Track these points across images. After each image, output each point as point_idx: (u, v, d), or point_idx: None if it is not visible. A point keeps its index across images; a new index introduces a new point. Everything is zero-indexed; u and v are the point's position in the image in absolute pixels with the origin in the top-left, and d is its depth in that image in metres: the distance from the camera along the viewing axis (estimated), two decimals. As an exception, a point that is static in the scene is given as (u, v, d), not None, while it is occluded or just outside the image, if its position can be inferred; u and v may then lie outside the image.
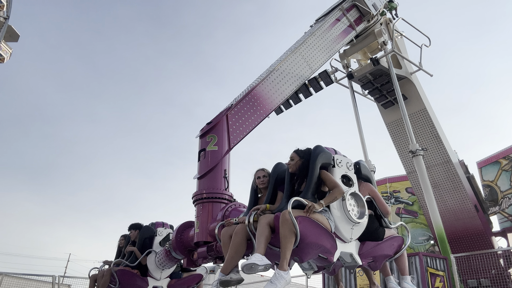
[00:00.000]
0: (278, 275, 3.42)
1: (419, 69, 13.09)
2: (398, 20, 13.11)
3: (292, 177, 4.35)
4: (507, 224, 14.46)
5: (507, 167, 15.05)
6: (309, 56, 9.15)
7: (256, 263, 3.43)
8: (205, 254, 5.28)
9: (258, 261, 3.45)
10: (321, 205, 3.84)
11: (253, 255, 3.53)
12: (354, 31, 11.05)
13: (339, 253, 3.99)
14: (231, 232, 4.11)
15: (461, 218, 13.11)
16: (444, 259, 9.19)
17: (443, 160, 13.16)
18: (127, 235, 7.56)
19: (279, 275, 3.41)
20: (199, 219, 5.52)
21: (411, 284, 4.50)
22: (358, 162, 4.71)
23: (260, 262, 3.45)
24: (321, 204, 3.84)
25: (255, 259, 3.45)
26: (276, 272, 3.44)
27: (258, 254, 3.52)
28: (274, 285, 3.37)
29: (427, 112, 13.21)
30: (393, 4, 13.22)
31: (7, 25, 26.19)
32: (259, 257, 3.48)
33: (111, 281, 6.91)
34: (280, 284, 3.38)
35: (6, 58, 28.45)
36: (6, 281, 11.89)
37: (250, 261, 3.44)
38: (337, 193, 3.98)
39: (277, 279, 3.40)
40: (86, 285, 10.72)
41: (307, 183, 4.06)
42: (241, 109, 6.77)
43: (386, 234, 4.44)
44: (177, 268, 7.20)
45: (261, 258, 3.48)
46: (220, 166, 5.85)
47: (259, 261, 3.45)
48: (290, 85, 8.37)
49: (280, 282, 3.38)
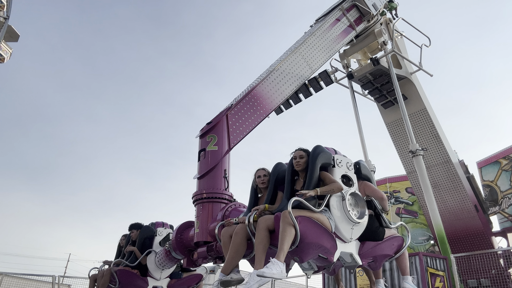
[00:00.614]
0: (274, 262, 3.40)
1: (419, 69, 13.10)
2: (398, 20, 13.11)
3: (292, 177, 4.36)
4: (507, 224, 14.45)
5: (507, 167, 15.05)
6: (309, 56, 9.15)
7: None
8: (205, 254, 5.28)
9: (257, 283, 3.43)
10: (316, 192, 3.86)
11: (252, 274, 3.48)
12: (354, 31, 11.05)
13: (339, 253, 3.99)
14: (231, 232, 4.11)
15: (461, 218, 13.11)
16: (444, 259, 9.19)
17: (443, 160, 13.16)
18: (128, 234, 7.56)
19: (275, 262, 3.39)
20: (199, 219, 5.51)
21: (412, 284, 4.50)
22: (358, 162, 4.71)
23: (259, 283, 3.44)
24: (316, 191, 3.87)
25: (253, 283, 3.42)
26: (273, 260, 3.42)
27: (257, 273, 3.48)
28: (269, 269, 3.35)
29: (427, 112, 13.22)
30: (393, 4, 13.22)
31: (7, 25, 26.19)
32: (257, 278, 3.44)
33: (111, 281, 6.91)
34: (275, 270, 3.35)
35: (6, 58, 28.45)
36: (6, 281, 11.89)
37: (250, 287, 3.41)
38: (335, 186, 3.99)
39: (272, 265, 3.38)
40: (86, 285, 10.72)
41: (307, 183, 4.06)
42: (241, 109, 6.77)
43: (386, 234, 4.44)
44: (177, 268, 7.19)
45: (259, 278, 3.45)
46: (220, 166, 5.85)
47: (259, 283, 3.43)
48: (290, 85, 8.37)
49: (275, 268, 3.36)
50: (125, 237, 7.65)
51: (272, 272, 3.33)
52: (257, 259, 3.62)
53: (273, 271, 3.34)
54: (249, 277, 3.51)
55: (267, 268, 3.35)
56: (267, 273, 3.32)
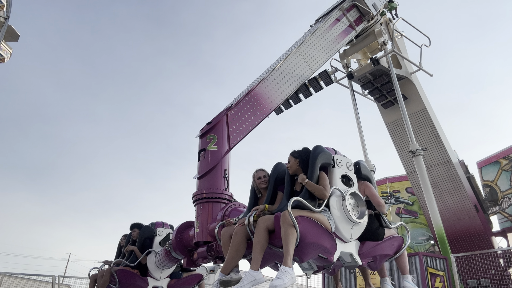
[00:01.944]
0: (284, 270, 3.40)
1: (419, 69, 13.09)
2: (398, 20, 13.11)
3: (292, 177, 4.37)
4: (507, 224, 14.45)
5: (507, 167, 15.04)
6: (309, 56, 9.15)
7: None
8: (205, 254, 5.28)
9: (251, 283, 3.46)
10: (304, 181, 3.97)
11: (247, 273, 3.51)
12: (354, 31, 11.05)
13: (339, 253, 3.99)
14: (231, 232, 4.11)
15: (461, 218, 13.11)
16: (444, 259, 9.19)
17: (443, 160, 13.16)
18: (128, 234, 7.57)
19: (285, 270, 3.39)
20: (199, 219, 5.52)
21: (412, 283, 4.50)
22: (358, 162, 4.71)
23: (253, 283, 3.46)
24: (304, 180, 3.97)
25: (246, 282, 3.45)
26: (282, 268, 3.42)
27: (252, 273, 3.52)
28: (281, 280, 3.35)
29: (427, 112, 13.22)
30: (393, 4, 13.21)
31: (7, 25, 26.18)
32: (251, 277, 3.48)
33: (111, 281, 6.91)
34: (287, 279, 3.36)
35: (6, 58, 28.45)
36: (6, 281, 11.89)
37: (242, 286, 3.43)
38: (318, 189, 3.92)
39: (283, 274, 3.38)
40: (86, 285, 10.73)
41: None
42: (241, 109, 6.77)
43: (386, 234, 4.44)
44: (177, 268, 7.20)
45: (254, 278, 3.48)
46: (220, 166, 5.85)
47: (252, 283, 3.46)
48: (290, 85, 8.37)
49: (286, 277, 3.36)
50: (125, 237, 7.65)
51: (284, 283, 3.34)
52: (253, 259, 3.63)
53: (286, 281, 3.35)
54: (244, 276, 3.51)
55: (278, 280, 3.35)
56: (280, 285, 3.32)
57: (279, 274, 3.40)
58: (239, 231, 3.99)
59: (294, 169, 4.28)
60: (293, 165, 4.29)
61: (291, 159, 4.34)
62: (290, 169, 4.31)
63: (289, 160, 4.37)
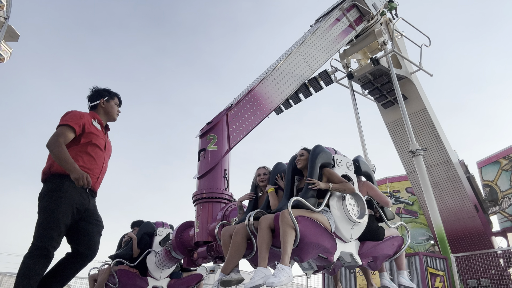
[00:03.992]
0: (281, 268, 3.40)
1: (419, 69, 13.08)
2: (398, 20, 13.10)
3: (292, 177, 4.37)
4: (507, 224, 14.44)
5: (507, 167, 15.04)
6: (309, 56, 9.15)
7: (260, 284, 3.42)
8: (205, 254, 5.28)
9: (262, 279, 3.44)
10: (328, 186, 3.91)
11: (256, 270, 3.49)
12: (354, 31, 11.05)
13: (339, 253, 3.99)
14: (231, 232, 4.11)
15: (461, 218, 13.11)
16: (444, 259, 9.19)
17: (443, 160, 13.15)
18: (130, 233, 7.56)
19: (282, 268, 3.39)
20: (199, 219, 5.52)
21: (407, 279, 4.51)
22: (357, 159, 4.70)
23: (264, 279, 3.44)
24: (328, 185, 3.91)
25: (258, 278, 3.42)
26: (279, 266, 3.42)
27: (261, 270, 3.50)
28: (277, 277, 3.35)
29: (427, 112, 13.21)
30: (393, 4, 13.21)
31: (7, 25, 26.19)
32: (261, 273, 3.47)
33: (111, 281, 6.90)
34: (283, 277, 3.35)
35: (6, 58, 28.46)
36: (6, 281, 11.88)
37: (254, 282, 3.41)
38: (347, 187, 4.01)
39: (280, 272, 3.38)
40: (86, 285, 10.70)
41: (307, 182, 4.06)
42: (241, 109, 6.77)
43: (386, 234, 4.44)
44: (177, 268, 7.19)
45: (264, 274, 3.46)
46: (220, 166, 5.86)
47: (263, 279, 3.44)
48: (290, 85, 8.37)
49: (283, 275, 3.36)
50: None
51: (281, 280, 3.34)
52: (260, 257, 3.62)
53: (282, 279, 3.35)
54: (253, 273, 3.52)
55: (275, 277, 3.35)
56: (276, 283, 3.32)
57: (276, 272, 3.40)
58: (239, 231, 3.99)
59: (304, 164, 4.30)
60: (305, 160, 4.30)
61: (305, 153, 4.36)
62: (300, 163, 4.33)
63: (302, 154, 4.37)
